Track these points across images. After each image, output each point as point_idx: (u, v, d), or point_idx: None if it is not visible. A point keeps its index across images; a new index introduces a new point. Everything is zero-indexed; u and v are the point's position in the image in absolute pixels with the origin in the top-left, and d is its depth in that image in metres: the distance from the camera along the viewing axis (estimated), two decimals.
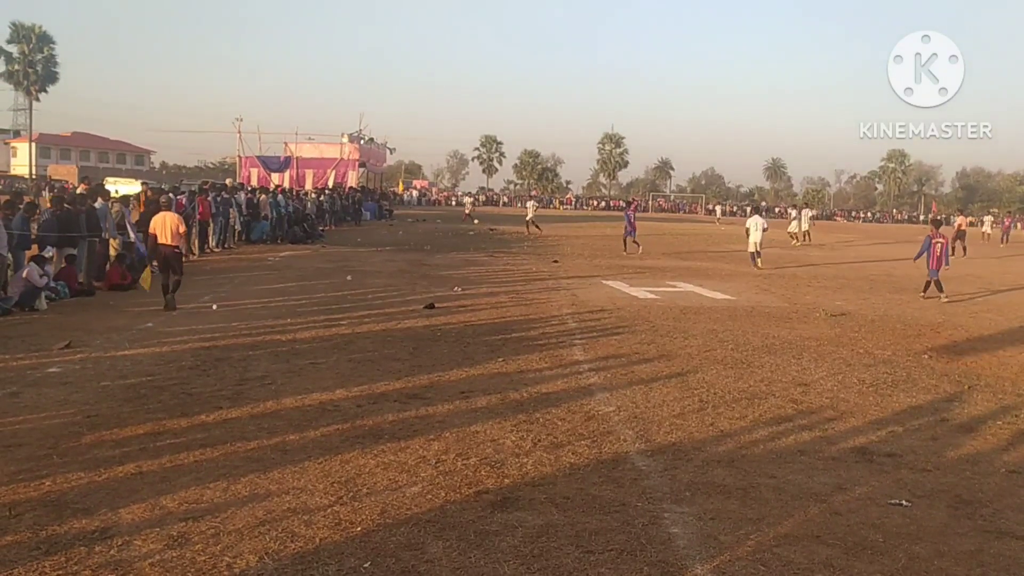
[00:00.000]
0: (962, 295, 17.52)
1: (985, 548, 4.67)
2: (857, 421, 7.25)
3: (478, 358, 9.38)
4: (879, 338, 11.59)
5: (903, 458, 6.25)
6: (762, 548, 4.56)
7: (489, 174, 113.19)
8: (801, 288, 18.04)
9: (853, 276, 21.55)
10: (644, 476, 5.70)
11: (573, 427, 6.80)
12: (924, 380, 8.95)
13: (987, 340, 11.82)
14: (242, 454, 5.87)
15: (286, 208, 28.48)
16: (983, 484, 5.74)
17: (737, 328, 12.03)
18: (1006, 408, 7.86)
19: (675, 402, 7.67)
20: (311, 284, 16.20)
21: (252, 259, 21.37)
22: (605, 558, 4.37)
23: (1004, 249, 40.16)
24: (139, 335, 10.28)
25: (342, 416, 6.88)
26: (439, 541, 4.52)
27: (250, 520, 4.71)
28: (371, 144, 57.22)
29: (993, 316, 14.41)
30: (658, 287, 17.24)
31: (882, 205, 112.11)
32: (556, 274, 19.54)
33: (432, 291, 15.37)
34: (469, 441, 6.35)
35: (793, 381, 8.69)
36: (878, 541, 4.71)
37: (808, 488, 5.55)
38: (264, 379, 8.10)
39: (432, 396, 7.65)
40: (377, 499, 5.09)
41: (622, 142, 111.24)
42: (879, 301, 16.05)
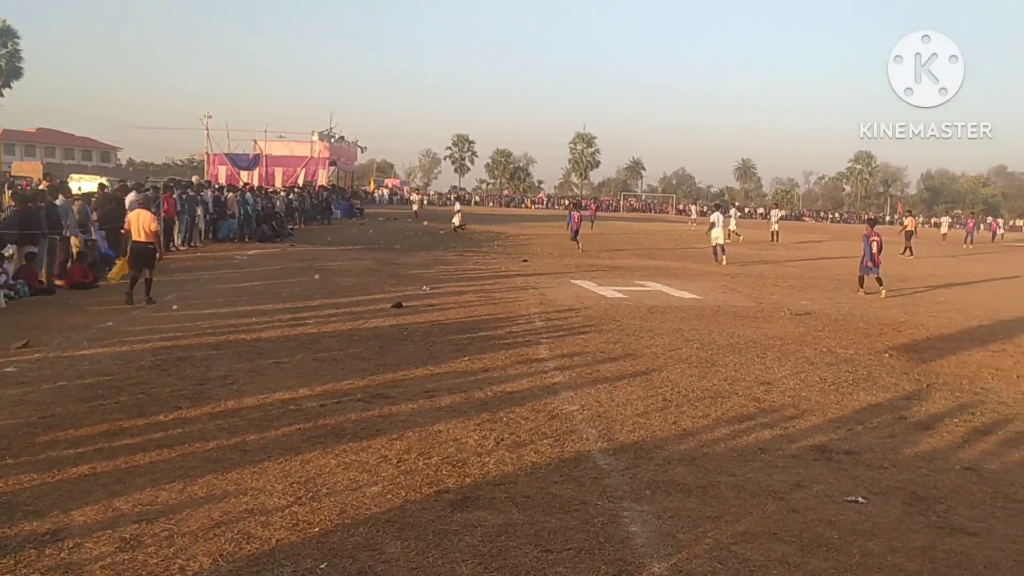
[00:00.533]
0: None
1: (937, 544, 4.73)
2: (818, 419, 7.33)
3: (444, 357, 9.36)
4: (842, 337, 11.74)
5: (861, 456, 6.32)
6: (719, 546, 4.59)
7: (461, 173, 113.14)
8: (767, 287, 18.21)
9: (819, 276, 21.80)
10: (605, 475, 5.71)
11: (536, 426, 6.80)
12: (884, 378, 9.07)
13: (947, 339, 12.01)
14: (200, 455, 5.80)
15: (254, 206, 28.22)
16: (938, 481, 5.83)
17: (703, 327, 12.12)
18: (963, 406, 7.98)
19: (639, 401, 7.70)
20: (278, 283, 16.06)
21: (218, 258, 21.14)
22: (563, 557, 4.38)
23: (968, 250, 40.81)
24: (99, 334, 10.13)
25: (304, 416, 6.83)
26: (397, 541, 4.49)
27: (205, 522, 4.65)
28: (342, 142, 56.86)
29: (954, 315, 14.65)
30: (626, 286, 17.31)
31: (849, 206, 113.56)
32: (525, 273, 19.55)
33: (400, 290, 15.31)
34: (432, 440, 6.32)
35: (756, 380, 8.77)
36: (833, 538, 4.76)
37: (767, 486, 5.59)
38: (226, 378, 8.01)
39: (396, 395, 7.62)
40: (336, 499, 5.05)
41: (594, 142, 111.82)
42: (843, 300, 16.25)
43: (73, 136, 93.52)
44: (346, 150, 58.98)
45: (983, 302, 17.03)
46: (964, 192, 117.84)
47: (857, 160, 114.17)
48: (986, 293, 19.09)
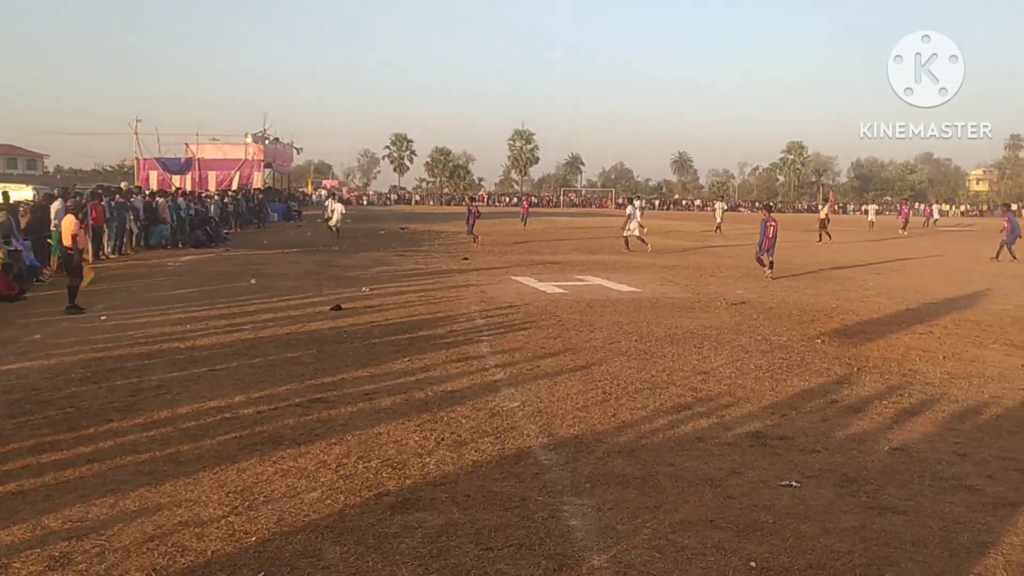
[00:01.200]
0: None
1: (868, 524, 4.88)
2: (753, 406, 7.48)
3: (384, 358, 9.29)
4: (776, 325, 12.00)
5: (794, 440, 6.48)
6: (658, 535, 4.65)
7: (400, 172, 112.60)
8: (704, 278, 18.52)
9: (754, 265, 22.16)
10: (546, 470, 5.75)
11: (477, 424, 6.80)
12: (817, 364, 9.30)
13: (876, 323, 12.37)
14: (132, 467, 5.66)
15: (187, 211, 27.61)
16: (868, 462, 6.00)
17: (641, 319, 12.27)
18: (892, 388, 8.23)
19: (579, 395, 7.76)
20: (213, 289, 15.74)
21: (151, 265, 20.65)
22: (504, 554, 4.39)
23: (904, 235, 41.80)
24: (25, 348, 9.80)
25: (240, 423, 6.71)
26: (336, 547, 4.45)
27: (138, 536, 4.54)
28: (277, 144, 56.08)
29: (882, 300, 15.09)
30: (566, 281, 17.42)
31: (783, 195, 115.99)
32: (466, 271, 19.53)
33: (339, 292, 15.16)
34: (371, 443, 6.28)
35: (694, 370, 8.91)
36: (768, 522, 4.87)
37: (704, 474, 5.69)
38: (159, 388, 7.83)
39: (335, 399, 7.54)
40: (274, 507, 4.98)
41: (532, 138, 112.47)
42: (777, 288, 16.61)
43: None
44: (281, 152, 58.18)
45: (909, 286, 17.59)
46: (893, 179, 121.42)
47: (789, 150, 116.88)
48: (913, 277, 19.71)
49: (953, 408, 7.52)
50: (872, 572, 4.23)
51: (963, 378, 8.70)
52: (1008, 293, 16.62)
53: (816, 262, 23.41)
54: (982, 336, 11.34)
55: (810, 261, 23.90)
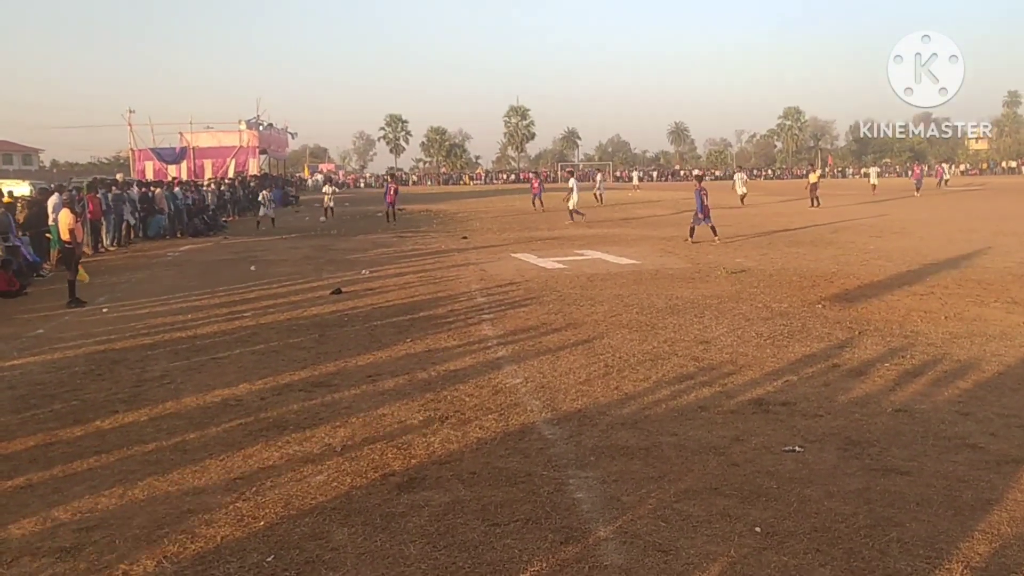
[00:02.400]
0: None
1: (872, 486, 4.90)
2: (755, 373, 7.49)
3: (386, 340, 9.31)
4: (776, 291, 12.00)
5: (797, 406, 6.50)
6: (663, 505, 4.68)
7: (396, 154, 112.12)
8: (703, 248, 18.49)
9: (752, 233, 22.19)
10: (550, 445, 5.77)
11: (481, 402, 6.83)
12: (818, 329, 9.31)
13: (876, 286, 12.36)
14: (139, 458, 5.69)
15: (184, 201, 27.57)
16: (871, 425, 6.02)
17: (642, 291, 12.27)
18: (893, 350, 8.24)
19: (581, 369, 7.78)
20: (213, 277, 15.76)
21: (150, 256, 20.66)
22: (510, 529, 4.42)
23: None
24: (28, 343, 9.82)
25: (244, 410, 6.74)
26: (344, 528, 4.48)
27: (147, 524, 4.58)
28: (271, 130, 55.87)
29: (883, 263, 15.07)
30: (566, 256, 17.41)
31: (782, 162, 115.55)
32: (465, 250, 19.53)
33: (339, 275, 15.18)
34: (376, 425, 6.31)
35: (695, 339, 8.92)
36: (772, 487, 4.89)
37: (707, 442, 5.71)
38: (163, 378, 7.86)
39: (338, 382, 7.56)
40: (281, 491, 5.01)
41: (528, 114, 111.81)
42: (777, 256, 16.60)
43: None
44: (276, 137, 58.00)
45: (911, 248, 17.55)
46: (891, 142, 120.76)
47: (787, 116, 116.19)
48: (915, 239, 19.67)
49: (955, 367, 7.53)
50: (877, 533, 4.25)
51: (965, 337, 8.71)
52: (1009, 250, 16.59)
53: (814, 227, 23.36)
54: (983, 295, 11.33)
55: (808, 226, 23.85)
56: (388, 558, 4.12)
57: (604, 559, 4.05)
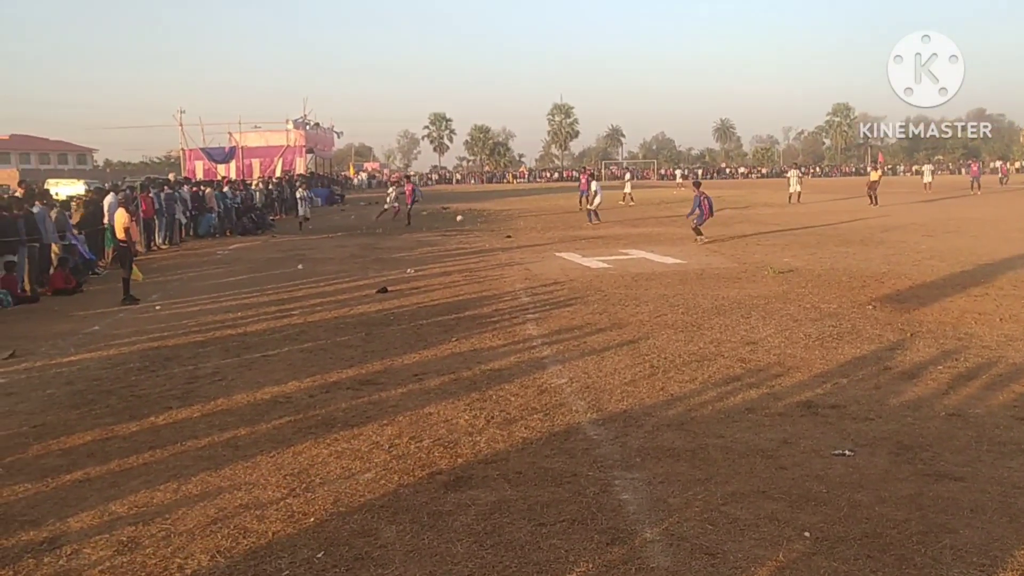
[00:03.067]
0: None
1: (924, 491, 4.81)
2: (803, 375, 7.40)
3: (431, 340, 9.39)
4: (825, 292, 11.82)
5: (847, 409, 6.40)
6: (709, 507, 4.66)
7: (440, 152, 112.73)
8: (749, 247, 18.29)
9: (801, 232, 21.88)
10: (595, 445, 5.77)
11: (526, 402, 6.85)
12: (868, 330, 9.16)
13: (929, 287, 12.11)
14: (192, 453, 5.82)
15: (233, 200, 28.06)
16: (923, 429, 5.91)
17: (687, 291, 12.18)
18: (947, 353, 8.08)
19: (626, 370, 7.76)
20: (261, 275, 16.03)
21: (201, 254, 21.08)
22: (557, 529, 4.43)
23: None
24: (85, 339, 10.10)
25: (294, 407, 6.85)
26: (392, 525, 4.54)
27: (201, 519, 4.69)
28: (317, 129, 56.60)
29: (935, 263, 14.75)
30: (610, 256, 17.35)
31: (830, 159, 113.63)
32: (509, 249, 19.57)
33: (385, 274, 15.32)
34: (422, 423, 6.37)
35: (742, 340, 8.83)
36: (821, 492, 4.83)
37: (755, 445, 5.66)
38: (214, 375, 8.02)
39: (385, 381, 7.65)
40: (330, 488, 5.09)
41: (572, 112, 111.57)
42: (826, 255, 16.34)
43: (47, 141, 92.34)
44: (322, 136, 58.73)
45: (965, 248, 17.15)
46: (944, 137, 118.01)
47: (835, 112, 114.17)
48: (968, 238, 19.21)
49: (1010, 371, 7.35)
50: (929, 540, 4.18)
51: (1021, 340, 8.49)
52: None
53: (865, 226, 22.95)
54: None
55: (858, 225, 23.44)
56: (435, 556, 4.17)
57: (650, 561, 4.05)
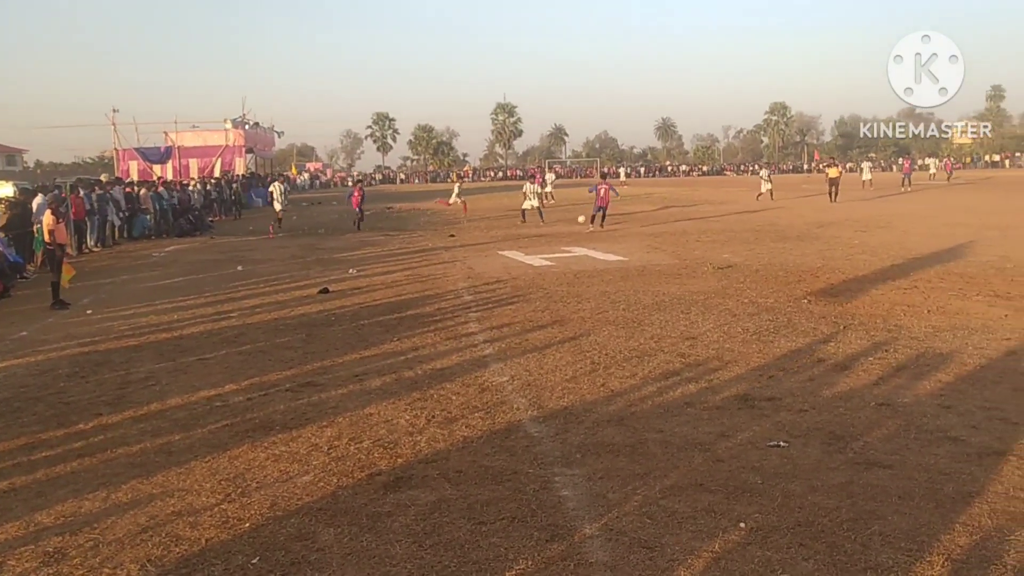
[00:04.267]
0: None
1: (855, 480, 4.93)
2: (741, 369, 7.53)
3: (373, 340, 9.30)
4: (763, 287, 12.05)
5: (782, 401, 6.53)
6: (648, 501, 4.70)
7: (384, 152, 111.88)
8: (690, 244, 18.55)
9: (740, 228, 22.26)
10: (536, 442, 5.78)
11: (467, 400, 6.83)
12: (803, 324, 9.36)
13: (861, 281, 12.43)
14: (123, 460, 5.67)
15: (169, 201, 27.42)
16: (854, 419, 6.06)
17: (629, 288, 12.30)
18: (877, 344, 8.29)
19: (567, 366, 7.80)
20: (199, 277, 15.69)
21: (135, 256, 20.55)
22: (497, 527, 4.43)
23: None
24: (12, 346, 9.76)
25: (231, 411, 6.72)
26: (330, 528, 4.48)
27: (132, 528, 4.56)
28: (257, 129, 55.57)
29: (867, 258, 15.15)
30: (553, 253, 17.43)
31: (768, 157, 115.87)
32: (452, 248, 19.52)
33: (327, 275, 15.14)
34: (363, 424, 6.30)
35: (681, 336, 8.95)
36: (757, 483, 4.92)
37: (693, 438, 5.74)
38: (147, 380, 7.82)
39: (325, 382, 7.56)
40: (267, 492, 5.01)
41: (515, 111, 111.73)
42: (763, 251, 16.66)
43: None
44: (262, 136, 57.74)
45: (895, 242, 17.65)
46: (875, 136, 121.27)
47: (773, 112, 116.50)
48: (899, 233, 19.77)
49: (937, 361, 7.59)
50: (859, 526, 4.28)
51: (947, 331, 8.78)
52: (991, 244, 16.71)
53: (802, 222, 23.47)
54: (966, 288, 11.42)
55: (796, 222, 23.96)
56: (374, 558, 4.12)
57: (589, 556, 4.07)
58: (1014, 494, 4.65)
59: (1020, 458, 5.18)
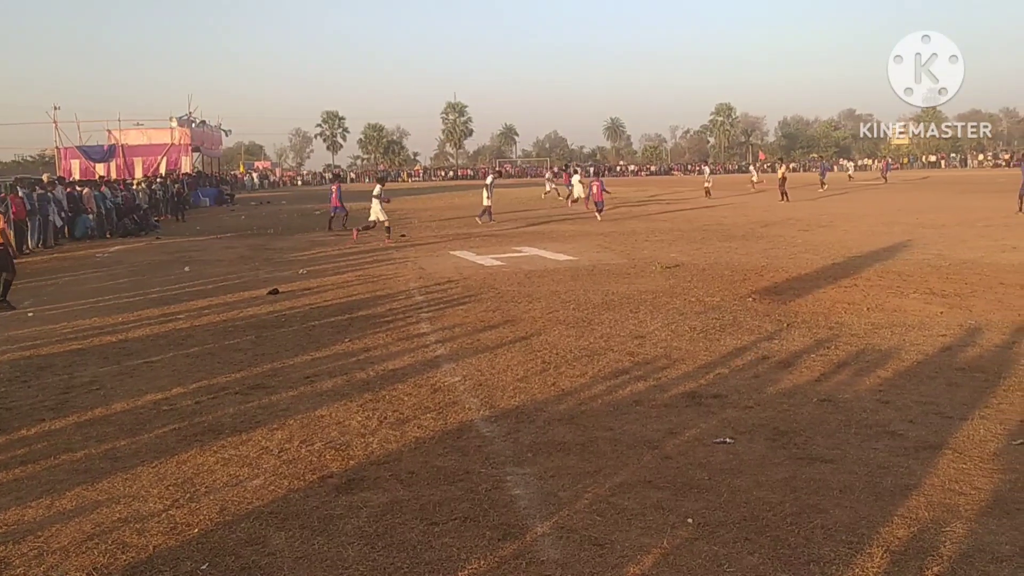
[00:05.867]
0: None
1: (798, 475, 5.07)
2: (688, 367, 7.66)
3: (324, 341, 9.25)
4: (709, 286, 12.26)
5: (728, 398, 6.67)
6: (599, 499, 4.77)
7: (334, 151, 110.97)
8: (639, 243, 18.77)
9: (687, 228, 22.60)
10: (488, 442, 5.82)
11: (419, 401, 6.84)
12: (749, 322, 9.55)
13: (804, 279, 12.73)
14: (68, 466, 5.56)
15: (113, 200, 26.83)
16: (797, 415, 6.22)
17: (579, 287, 12.41)
18: (820, 342, 8.51)
19: (519, 366, 7.85)
20: (144, 279, 15.40)
21: (78, 257, 20.08)
22: (449, 528, 4.46)
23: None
24: None
25: (178, 415, 6.63)
26: (281, 532, 4.46)
27: (77, 535, 4.48)
28: (204, 127, 54.69)
29: (810, 256, 15.51)
30: (504, 253, 17.49)
31: (715, 157, 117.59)
32: (404, 248, 19.45)
33: (276, 276, 14.98)
34: (314, 426, 6.27)
35: (630, 334, 9.07)
36: (704, 479, 5.02)
37: (642, 436, 5.83)
38: (92, 384, 7.67)
39: (276, 384, 7.49)
40: (216, 497, 4.96)
41: (465, 111, 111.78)
42: (710, 250, 16.94)
43: None
44: (210, 135, 56.85)
45: (836, 241, 18.10)
46: (818, 136, 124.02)
47: (718, 112, 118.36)
48: (840, 233, 20.27)
49: (877, 357, 7.82)
50: (802, 520, 4.41)
51: (886, 328, 9.04)
52: (927, 242, 17.24)
53: (747, 221, 23.90)
54: (903, 286, 11.77)
55: (741, 221, 24.39)
56: (326, 561, 4.12)
57: (541, 555, 4.12)
58: (949, 486, 4.82)
59: (955, 451, 5.37)
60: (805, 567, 3.93)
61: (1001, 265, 13.61)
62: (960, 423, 5.90)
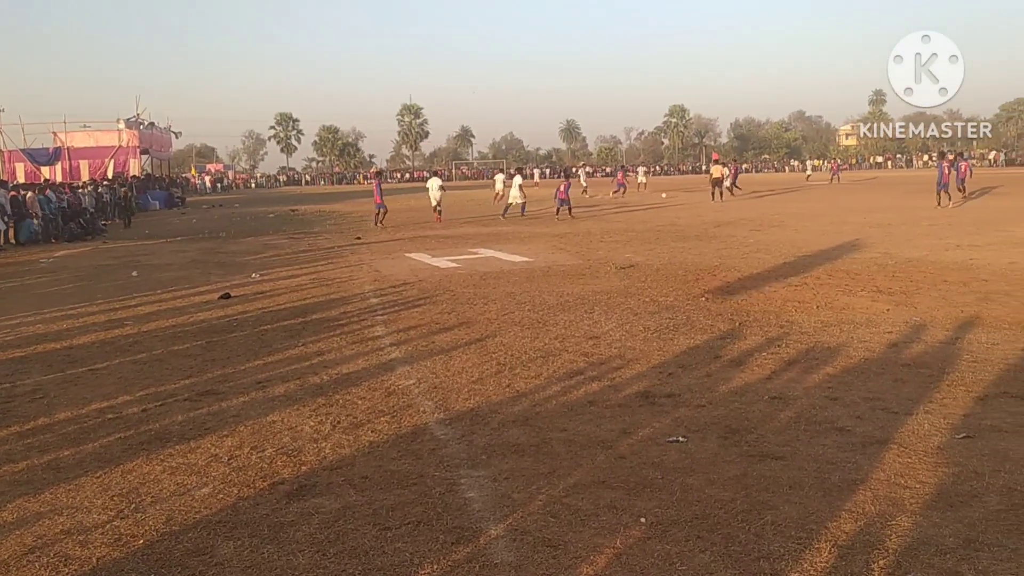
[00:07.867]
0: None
1: (749, 472, 5.12)
2: (642, 367, 7.71)
3: (276, 345, 9.12)
4: (663, 286, 12.36)
5: (681, 397, 6.72)
6: (552, 500, 4.77)
7: (288, 153, 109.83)
8: (594, 244, 18.87)
9: (641, 228, 22.78)
10: (442, 445, 5.79)
11: (373, 404, 6.78)
12: (702, 321, 9.65)
13: (756, 278, 12.90)
14: (8, 478, 5.39)
15: (58, 204, 26.20)
16: (749, 412, 6.29)
17: (534, 289, 12.43)
18: (771, 340, 8.63)
19: (474, 368, 7.83)
20: (91, 284, 15.05)
21: (21, 263, 19.56)
22: (402, 532, 4.41)
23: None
24: None
25: (124, 423, 6.48)
26: (230, 541, 4.37)
27: (18, 549, 4.35)
28: (152, 129, 53.67)
29: (761, 255, 15.74)
30: (459, 255, 17.44)
31: (669, 158, 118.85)
32: (359, 251, 19.30)
33: (228, 279, 14.77)
34: (265, 432, 6.18)
35: (585, 335, 9.10)
36: (657, 478, 5.05)
37: (596, 436, 5.85)
38: (34, 393, 7.46)
39: (226, 390, 7.36)
40: (163, 507, 4.85)
41: (421, 112, 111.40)
42: (664, 250, 17.09)
43: None
44: (159, 137, 55.81)
45: (787, 240, 18.39)
46: (769, 138, 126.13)
47: (672, 114, 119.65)
48: (790, 232, 20.60)
49: (825, 355, 7.95)
50: (753, 517, 4.45)
51: (835, 325, 9.20)
52: (875, 242, 17.60)
53: (700, 222, 24.18)
54: (851, 284, 12.00)
55: (695, 222, 24.66)
56: (276, 570, 4.05)
57: (494, 557, 4.10)
58: (895, 480, 4.91)
59: (900, 446, 5.48)
60: (755, 563, 3.97)
61: (945, 263, 13.95)
62: (905, 418, 6.02)
